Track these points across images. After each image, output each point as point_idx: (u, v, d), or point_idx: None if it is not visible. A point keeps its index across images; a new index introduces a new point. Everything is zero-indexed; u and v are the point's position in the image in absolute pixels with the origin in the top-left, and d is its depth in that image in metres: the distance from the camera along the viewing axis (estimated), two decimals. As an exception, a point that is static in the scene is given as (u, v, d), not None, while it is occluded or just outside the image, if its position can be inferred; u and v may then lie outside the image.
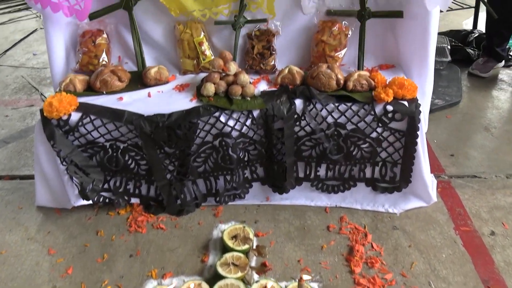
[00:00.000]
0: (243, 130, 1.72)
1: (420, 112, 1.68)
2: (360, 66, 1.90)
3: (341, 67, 1.94)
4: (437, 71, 1.91)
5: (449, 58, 2.84)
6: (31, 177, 1.98)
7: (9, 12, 4.42)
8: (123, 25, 1.98)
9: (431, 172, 1.90)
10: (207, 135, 1.72)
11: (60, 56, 1.95)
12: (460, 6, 3.45)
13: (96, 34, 1.95)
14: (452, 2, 2.49)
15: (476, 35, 3.13)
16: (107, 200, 1.85)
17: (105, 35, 1.97)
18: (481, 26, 3.20)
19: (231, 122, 1.70)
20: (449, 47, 2.85)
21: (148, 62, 1.99)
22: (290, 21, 1.93)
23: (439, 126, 2.38)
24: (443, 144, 2.25)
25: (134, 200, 1.87)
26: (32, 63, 3.32)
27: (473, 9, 3.36)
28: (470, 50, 3.03)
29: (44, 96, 2.78)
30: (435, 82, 1.91)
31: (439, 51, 2.75)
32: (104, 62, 1.94)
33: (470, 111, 2.54)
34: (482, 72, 2.88)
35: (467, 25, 3.57)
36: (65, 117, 1.68)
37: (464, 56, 3.02)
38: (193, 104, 1.72)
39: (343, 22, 1.89)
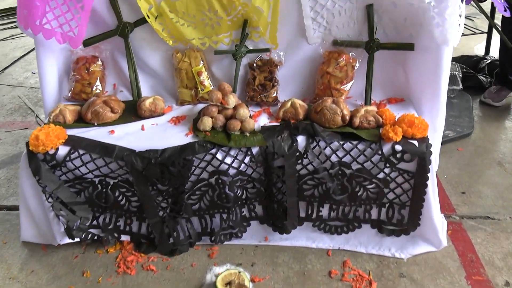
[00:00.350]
0: (241, 168, 1.62)
1: (431, 153, 1.56)
2: (367, 100, 1.80)
3: (347, 99, 1.84)
4: (447, 100, 1.79)
5: (461, 86, 2.72)
6: (19, 208, 1.88)
7: (11, 28, 4.37)
8: (119, 51, 1.89)
9: (441, 212, 1.77)
10: (202, 172, 1.62)
11: (53, 84, 1.86)
12: (472, 31, 3.33)
13: (90, 61, 1.87)
14: (464, 27, 2.38)
15: (489, 61, 3.01)
16: (95, 237, 1.74)
17: (100, 62, 1.88)
18: (494, 52, 3.09)
19: (228, 160, 1.59)
20: (460, 74, 2.74)
21: (144, 90, 1.90)
22: (294, 51, 1.83)
23: (450, 160, 2.26)
24: (454, 180, 2.12)
25: (125, 238, 1.76)
26: (30, 82, 3.24)
27: (485, 34, 3.25)
28: (482, 77, 2.92)
29: (40, 119, 2.69)
30: (445, 111, 1.80)
31: (450, 79, 2.62)
32: (97, 91, 1.85)
33: (483, 143, 2.41)
34: (495, 101, 2.76)
35: (479, 50, 3.46)
36: (52, 151, 1.59)
37: (476, 83, 2.90)
38: (189, 139, 1.62)
39: (350, 53, 1.79)
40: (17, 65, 3.54)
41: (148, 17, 1.73)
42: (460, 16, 1.66)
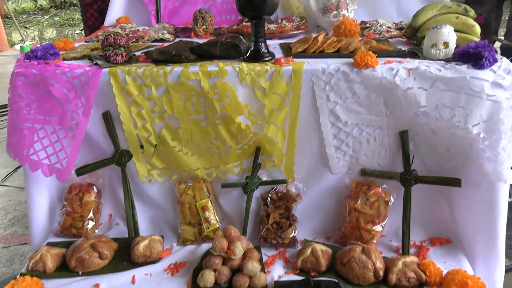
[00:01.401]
0: (249, 337, 1.31)
1: (493, 328, 1.22)
2: (405, 244, 1.48)
3: (381, 238, 1.53)
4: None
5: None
6: None
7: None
8: (117, 178, 1.67)
9: None
10: None
11: (41, 217, 1.64)
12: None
13: (84, 190, 1.65)
14: None
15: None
16: None
17: (95, 190, 1.67)
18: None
19: (233, 328, 1.29)
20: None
21: (143, 223, 1.64)
22: (315, 182, 1.56)
23: (510, 299, 1.86)
24: (518, 330, 1.72)
25: None
26: (40, 184, 3.09)
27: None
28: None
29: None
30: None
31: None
32: (89, 226, 1.62)
33: (548, 274, 2.01)
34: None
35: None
36: (22, 314, 1.33)
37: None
38: (186, 300, 1.33)
39: (382, 186, 1.51)
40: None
41: (142, 148, 1.53)
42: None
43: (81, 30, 5.95)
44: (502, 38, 2.58)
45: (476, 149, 1.35)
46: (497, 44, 2.71)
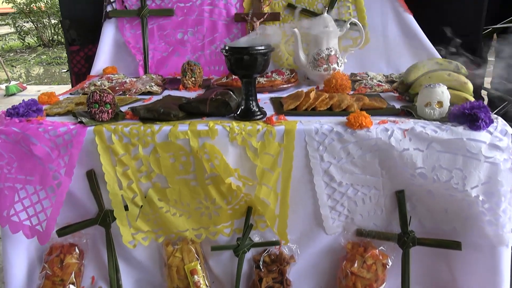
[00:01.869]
0: None
1: None
2: (405, 309, 1.41)
3: (379, 303, 1.46)
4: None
5: None
6: None
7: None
8: (101, 237, 1.58)
9: None
10: None
11: (19, 281, 1.55)
12: None
13: (66, 251, 1.56)
14: None
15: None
16: None
17: (77, 251, 1.57)
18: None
19: None
20: None
21: (127, 287, 1.56)
22: (310, 243, 1.49)
23: None
24: None
25: None
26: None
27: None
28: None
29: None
30: None
31: None
32: (70, 291, 1.52)
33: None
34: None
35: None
36: None
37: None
38: None
39: (380, 248, 1.45)
40: None
41: (127, 209, 1.46)
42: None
43: (67, 71, 5.93)
44: (489, 86, 2.61)
45: (476, 211, 1.31)
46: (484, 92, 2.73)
